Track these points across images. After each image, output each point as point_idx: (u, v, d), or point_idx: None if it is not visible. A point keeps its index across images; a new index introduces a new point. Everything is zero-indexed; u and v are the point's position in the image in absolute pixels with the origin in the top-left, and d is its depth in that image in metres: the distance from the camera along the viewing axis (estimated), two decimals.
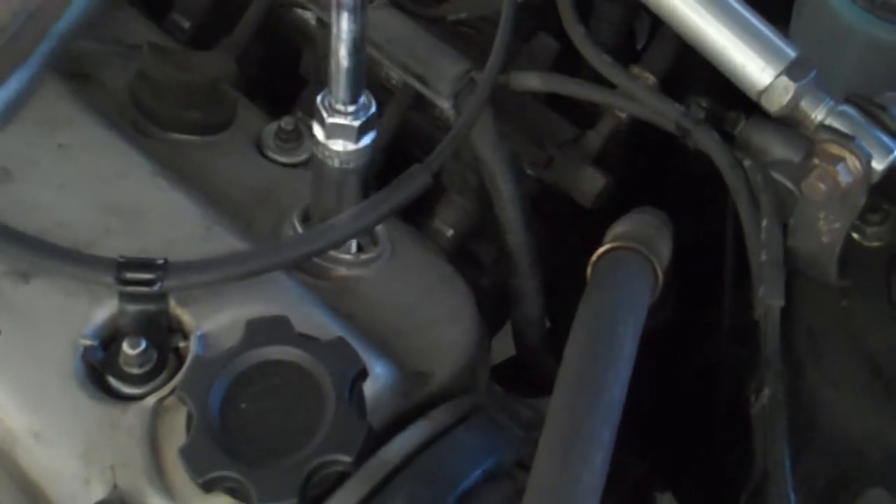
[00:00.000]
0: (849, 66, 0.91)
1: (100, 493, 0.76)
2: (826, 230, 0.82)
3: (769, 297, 0.83)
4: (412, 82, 0.96)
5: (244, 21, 1.10)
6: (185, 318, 0.81)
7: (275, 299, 0.82)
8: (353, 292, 0.88)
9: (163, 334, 0.81)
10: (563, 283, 1.03)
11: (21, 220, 0.84)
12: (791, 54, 0.84)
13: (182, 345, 0.81)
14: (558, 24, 0.99)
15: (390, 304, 0.88)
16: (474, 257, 1.05)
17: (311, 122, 1.02)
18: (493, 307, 1.00)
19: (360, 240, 0.89)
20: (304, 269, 0.87)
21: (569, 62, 1.04)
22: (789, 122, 0.86)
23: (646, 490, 1.09)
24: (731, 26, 0.85)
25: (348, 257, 0.89)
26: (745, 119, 0.90)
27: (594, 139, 1.02)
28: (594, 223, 0.94)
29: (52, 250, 0.82)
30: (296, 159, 0.97)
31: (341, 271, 0.89)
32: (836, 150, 0.78)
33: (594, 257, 0.84)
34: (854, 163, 0.78)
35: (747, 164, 0.88)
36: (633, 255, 0.83)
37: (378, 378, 0.80)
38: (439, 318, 0.88)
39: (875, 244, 0.85)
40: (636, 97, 0.93)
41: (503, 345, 1.04)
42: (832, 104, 0.83)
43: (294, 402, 0.74)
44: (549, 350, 1.01)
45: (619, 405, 0.73)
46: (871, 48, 0.90)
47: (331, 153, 0.84)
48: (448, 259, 0.96)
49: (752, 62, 0.84)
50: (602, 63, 0.94)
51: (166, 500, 0.75)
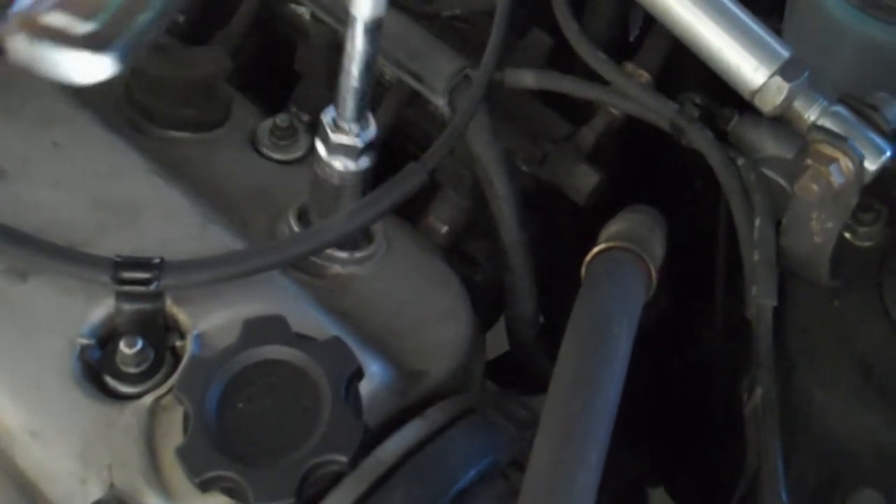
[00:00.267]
0: (841, 65, 0.91)
1: (97, 492, 0.76)
2: (818, 230, 0.82)
3: (761, 297, 0.83)
4: (407, 79, 0.96)
5: (238, 15, 1.09)
6: (182, 317, 0.81)
7: (271, 298, 0.82)
8: (348, 290, 0.88)
9: (159, 333, 0.81)
10: (558, 279, 1.03)
11: (16, 218, 0.83)
12: (784, 54, 0.84)
13: (178, 344, 0.81)
14: (552, 19, 0.99)
15: (385, 303, 0.88)
16: (468, 254, 1.05)
17: (306, 119, 1.04)
18: (487, 304, 1.00)
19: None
20: (298, 267, 0.88)
21: (563, 57, 1.04)
22: (782, 122, 0.86)
23: (639, 486, 1.09)
24: (724, 26, 0.84)
25: (343, 255, 0.89)
26: (739, 115, 0.90)
27: (588, 136, 1.01)
28: (588, 219, 0.94)
29: (48, 249, 0.81)
30: (291, 156, 0.97)
31: (336, 269, 0.89)
32: (828, 150, 0.79)
33: (588, 257, 0.84)
34: (847, 164, 0.79)
35: (740, 162, 0.88)
36: (628, 254, 0.83)
37: (374, 377, 0.80)
38: (434, 317, 0.88)
39: (867, 244, 0.85)
40: (630, 95, 0.93)
41: (496, 339, 1.05)
42: (825, 104, 0.83)
43: (290, 401, 0.74)
44: (543, 347, 1.01)
45: (614, 405, 0.73)
46: (863, 47, 0.90)
47: (332, 171, 0.84)
48: (442, 256, 0.97)
49: (746, 62, 0.84)
50: (597, 60, 0.94)
51: (163, 500, 0.75)
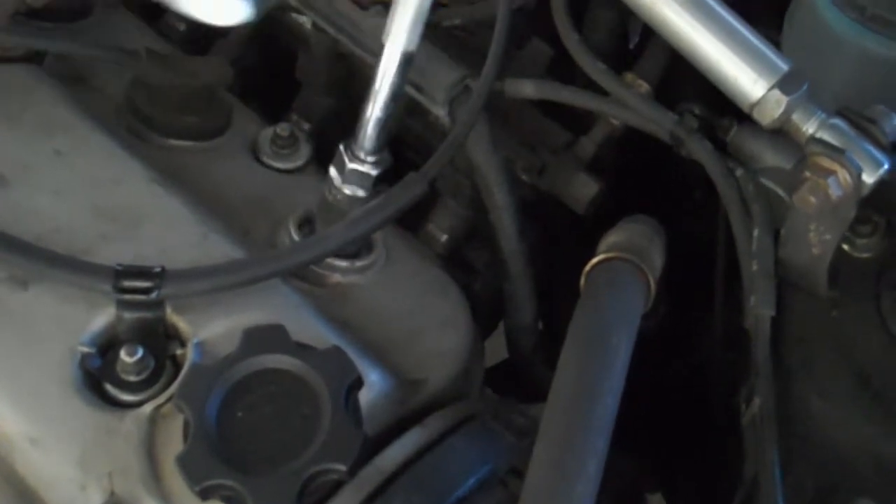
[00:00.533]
0: (839, 77, 0.92)
1: (97, 499, 0.76)
2: (817, 242, 0.83)
3: (760, 307, 0.83)
4: (407, 89, 0.96)
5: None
6: (182, 325, 0.82)
7: (271, 307, 0.83)
8: (348, 299, 0.89)
9: (160, 342, 0.81)
10: (558, 288, 1.04)
11: (17, 225, 0.84)
12: (783, 67, 0.84)
13: (179, 352, 0.81)
14: (552, 29, 0.99)
15: (385, 311, 0.88)
16: (467, 262, 1.06)
17: (307, 127, 1.04)
18: (487, 312, 1.00)
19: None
20: (299, 276, 0.88)
21: (563, 68, 1.04)
22: (781, 134, 0.86)
23: (637, 491, 1.09)
24: (723, 39, 0.85)
25: (343, 264, 0.89)
26: (738, 126, 0.90)
27: (588, 146, 1.02)
28: (588, 229, 0.95)
29: (49, 257, 0.82)
30: (291, 165, 0.97)
31: (336, 278, 0.89)
32: (827, 163, 0.79)
33: (588, 267, 0.84)
34: (845, 176, 0.79)
35: (739, 173, 0.89)
36: (627, 265, 0.84)
37: (373, 386, 0.80)
38: (434, 325, 0.88)
39: (865, 255, 0.86)
40: (630, 105, 0.93)
41: (495, 346, 1.05)
42: (823, 117, 0.83)
43: (290, 410, 0.74)
44: (542, 355, 1.01)
45: (613, 415, 0.73)
46: (861, 60, 0.91)
47: (343, 197, 0.85)
48: (442, 264, 0.97)
49: (745, 75, 0.84)
50: (596, 71, 0.94)
51: None
